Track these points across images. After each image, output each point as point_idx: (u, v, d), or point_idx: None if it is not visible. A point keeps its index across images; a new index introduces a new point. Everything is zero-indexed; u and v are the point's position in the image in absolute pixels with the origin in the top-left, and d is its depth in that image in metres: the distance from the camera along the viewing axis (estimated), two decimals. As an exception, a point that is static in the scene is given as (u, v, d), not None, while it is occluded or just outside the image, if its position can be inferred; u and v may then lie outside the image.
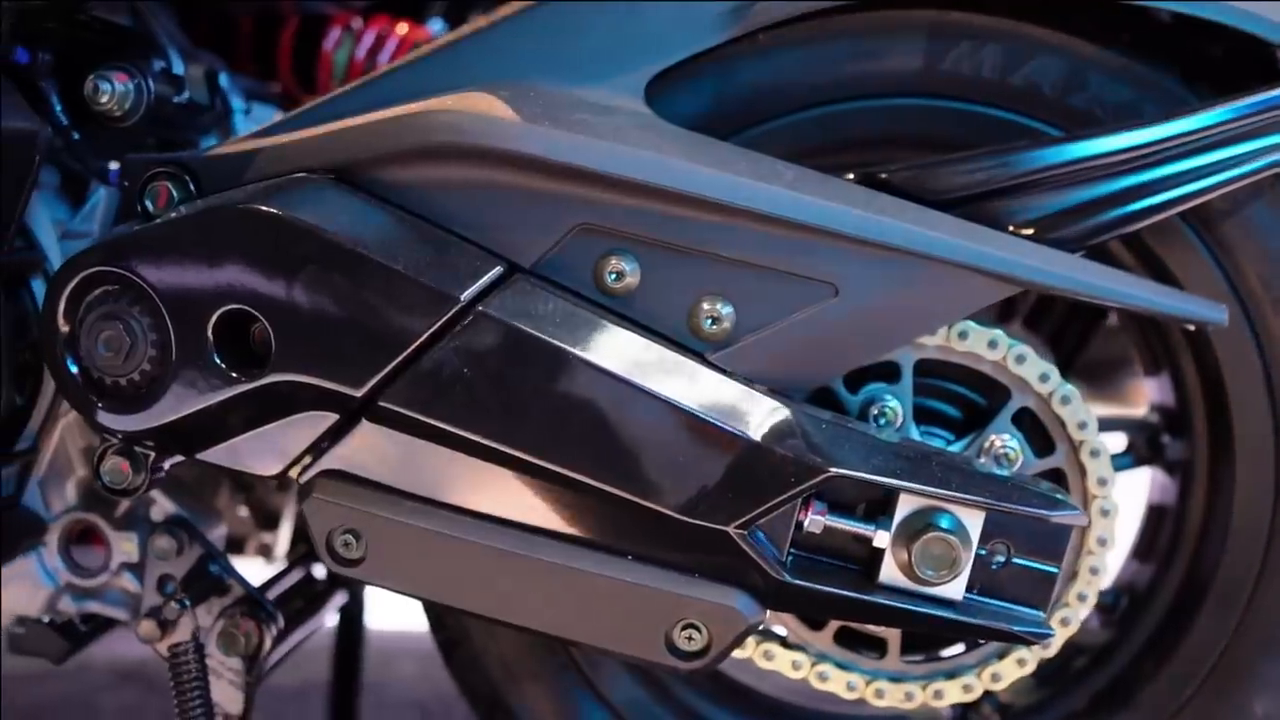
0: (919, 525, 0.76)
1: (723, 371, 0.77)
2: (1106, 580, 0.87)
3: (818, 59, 0.87)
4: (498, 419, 0.75)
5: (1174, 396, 0.97)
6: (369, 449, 0.78)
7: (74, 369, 0.80)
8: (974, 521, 0.77)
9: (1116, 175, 0.81)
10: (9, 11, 0.77)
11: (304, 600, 1.05)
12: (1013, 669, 0.86)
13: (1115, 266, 0.91)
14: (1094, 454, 0.84)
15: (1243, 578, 0.92)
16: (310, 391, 0.76)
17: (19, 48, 0.81)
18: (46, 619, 0.95)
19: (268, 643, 0.91)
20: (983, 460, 0.84)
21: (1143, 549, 1.02)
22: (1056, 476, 0.85)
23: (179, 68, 0.89)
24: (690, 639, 0.77)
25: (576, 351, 0.74)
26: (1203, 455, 0.95)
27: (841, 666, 0.88)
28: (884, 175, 0.82)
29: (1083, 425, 0.83)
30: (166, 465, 0.83)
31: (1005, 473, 0.81)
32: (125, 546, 0.92)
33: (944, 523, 0.76)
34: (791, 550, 0.78)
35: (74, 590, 0.94)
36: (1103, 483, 0.84)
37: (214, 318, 0.76)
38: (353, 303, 0.75)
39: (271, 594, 1.00)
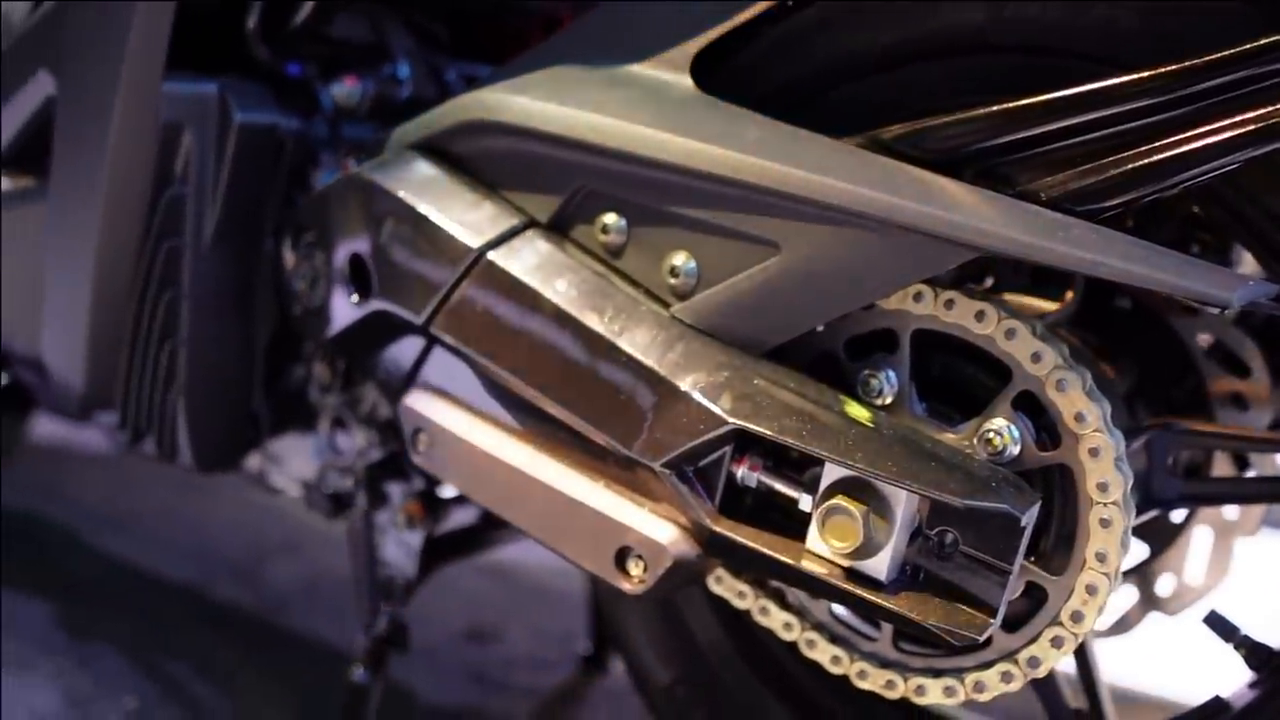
0: (837, 495, 0.74)
1: (678, 322, 0.82)
2: (1107, 600, 0.73)
3: (871, 22, 0.85)
4: (495, 350, 0.88)
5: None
6: (440, 368, 0.96)
7: (295, 290, 1.10)
8: (899, 500, 0.73)
9: (1140, 124, 0.68)
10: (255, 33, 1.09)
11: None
12: (996, 681, 0.77)
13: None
14: (1093, 453, 0.71)
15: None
16: (399, 319, 0.96)
17: (290, 63, 1.13)
18: (329, 490, 1.28)
19: (432, 527, 1.14)
20: (974, 443, 0.76)
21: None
22: (1064, 473, 0.74)
23: (404, 71, 1.15)
24: (637, 564, 0.83)
25: (547, 295, 0.85)
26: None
27: (834, 639, 0.85)
28: (885, 136, 0.78)
29: (1080, 417, 0.71)
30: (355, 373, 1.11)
31: (978, 456, 0.73)
32: (361, 438, 1.21)
33: (867, 496, 0.73)
34: (748, 500, 0.80)
35: (335, 468, 1.25)
36: (1103, 488, 0.71)
37: (345, 258, 1.00)
38: (415, 249, 0.93)
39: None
